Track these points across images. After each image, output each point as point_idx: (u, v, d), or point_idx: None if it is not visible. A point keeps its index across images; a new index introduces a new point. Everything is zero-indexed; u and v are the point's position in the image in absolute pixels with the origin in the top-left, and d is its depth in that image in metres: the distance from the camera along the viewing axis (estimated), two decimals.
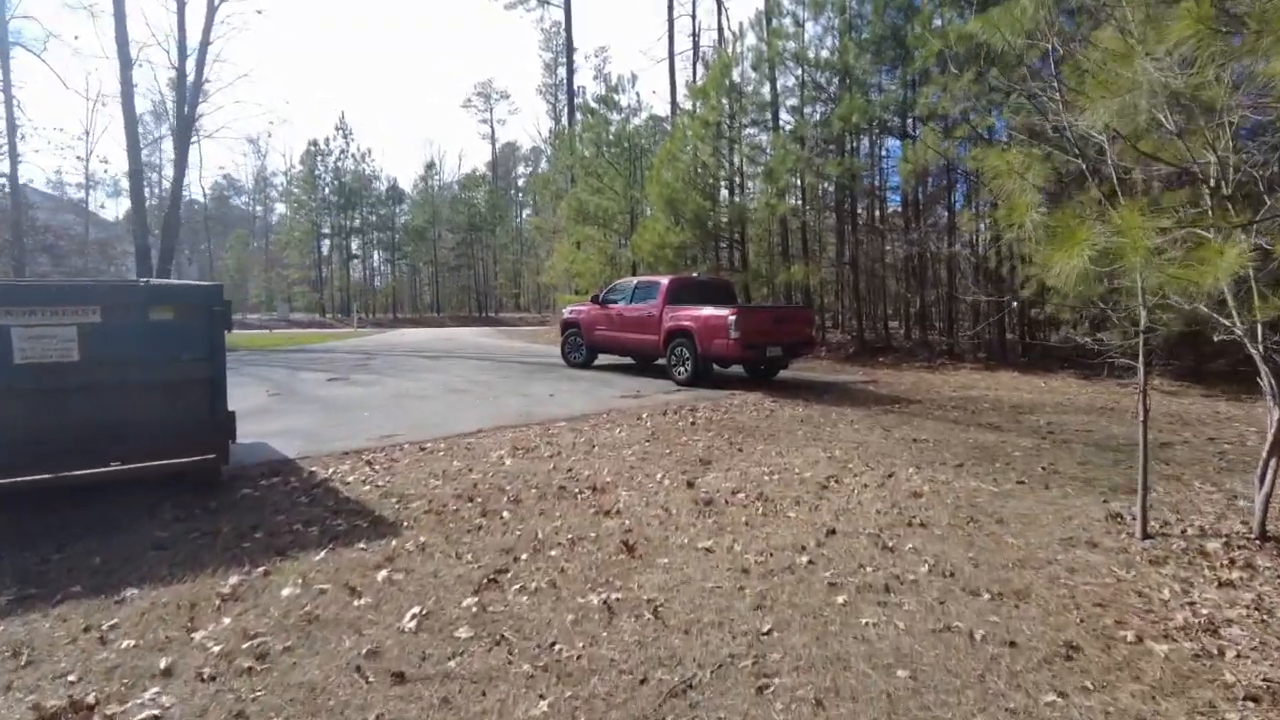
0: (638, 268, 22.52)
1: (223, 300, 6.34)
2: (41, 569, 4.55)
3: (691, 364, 12.34)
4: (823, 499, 6.03)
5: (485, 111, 74.33)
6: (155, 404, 6.12)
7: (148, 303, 6.04)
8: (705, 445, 7.94)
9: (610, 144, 24.79)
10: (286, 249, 61.19)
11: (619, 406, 10.30)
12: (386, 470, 6.89)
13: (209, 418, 6.29)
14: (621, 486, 6.34)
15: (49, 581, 4.35)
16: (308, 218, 58.01)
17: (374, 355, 18.99)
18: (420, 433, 8.50)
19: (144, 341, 6.01)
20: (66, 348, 5.73)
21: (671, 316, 12.82)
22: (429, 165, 62.20)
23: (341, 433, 8.50)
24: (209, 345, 6.27)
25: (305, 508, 5.81)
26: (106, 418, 5.93)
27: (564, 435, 8.36)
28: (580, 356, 15.19)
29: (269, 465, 7.10)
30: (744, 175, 22.03)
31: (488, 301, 65.12)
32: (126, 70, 22.82)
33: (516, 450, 7.62)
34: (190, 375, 6.22)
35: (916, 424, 9.45)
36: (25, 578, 4.40)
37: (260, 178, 73.75)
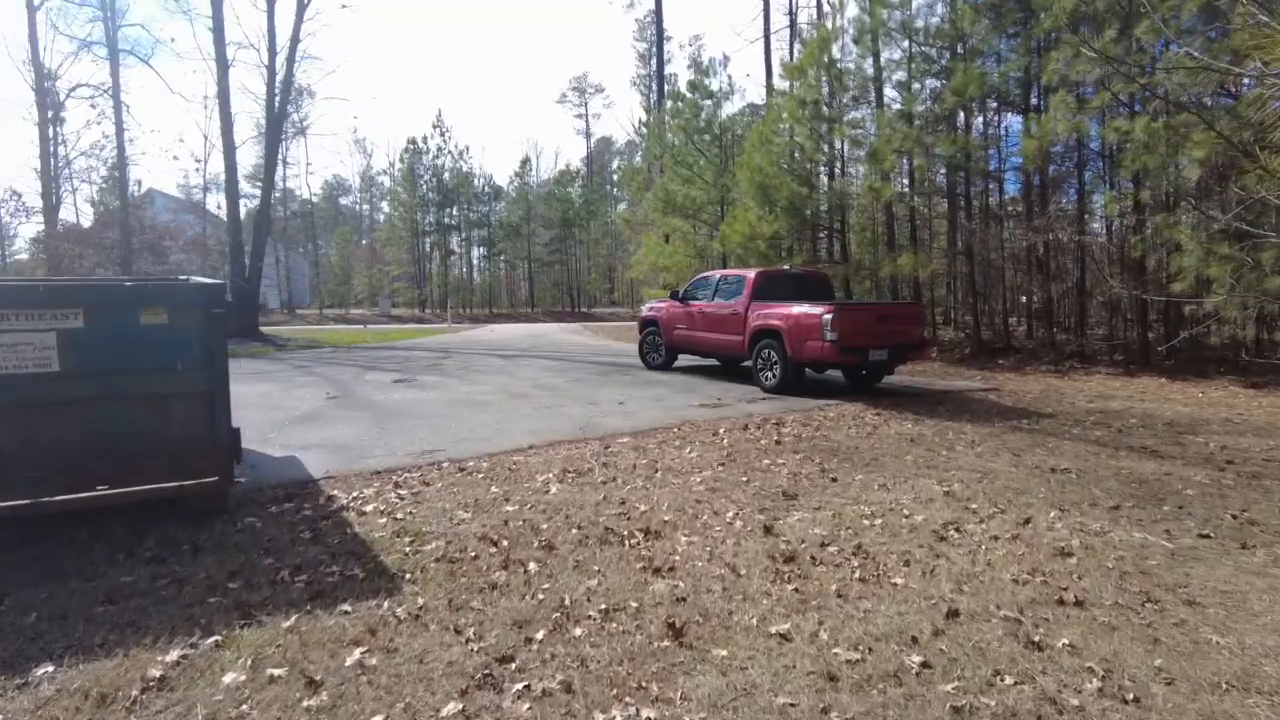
0: (727, 260, 21.18)
1: (223, 300, 5.50)
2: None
3: (780, 369, 10.96)
4: (940, 556, 4.65)
5: (580, 106, 74.21)
6: (146, 420, 5.34)
7: (137, 304, 5.26)
8: (791, 472, 6.63)
9: (700, 130, 23.46)
10: (388, 246, 62.72)
11: (694, 418, 9.07)
12: (413, 498, 5.93)
13: (208, 435, 5.47)
14: (682, 529, 5.13)
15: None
16: (408, 215, 59.21)
17: (451, 354, 18.42)
18: (465, 448, 7.54)
19: (133, 349, 5.24)
20: (44, 357, 5.00)
21: (758, 314, 11.47)
22: (523, 161, 62.43)
23: (381, 447, 7.64)
24: (207, 352, 5.44)
25: (303, 547, 4.89)
26: (91, 436, 5.18)
27: (624, 455, 7.21)
28: (659, 358, 14.02)
29: (288, 487, 6.26)
30: (844, 158, 20.31)
31: (580, 297, 64.89)
32: (223, 71, 23.21)
33: (566, 474, 6.53)
34: (186, 387, 5.42)
35: (1052, 446, 7.81)
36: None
37: (366, 177, 76.11)
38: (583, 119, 74.39)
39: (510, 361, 16.24)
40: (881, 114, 17.45)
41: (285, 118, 24.48)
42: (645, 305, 15.34)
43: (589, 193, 63.14)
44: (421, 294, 59.52)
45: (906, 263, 16.78)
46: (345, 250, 65.01)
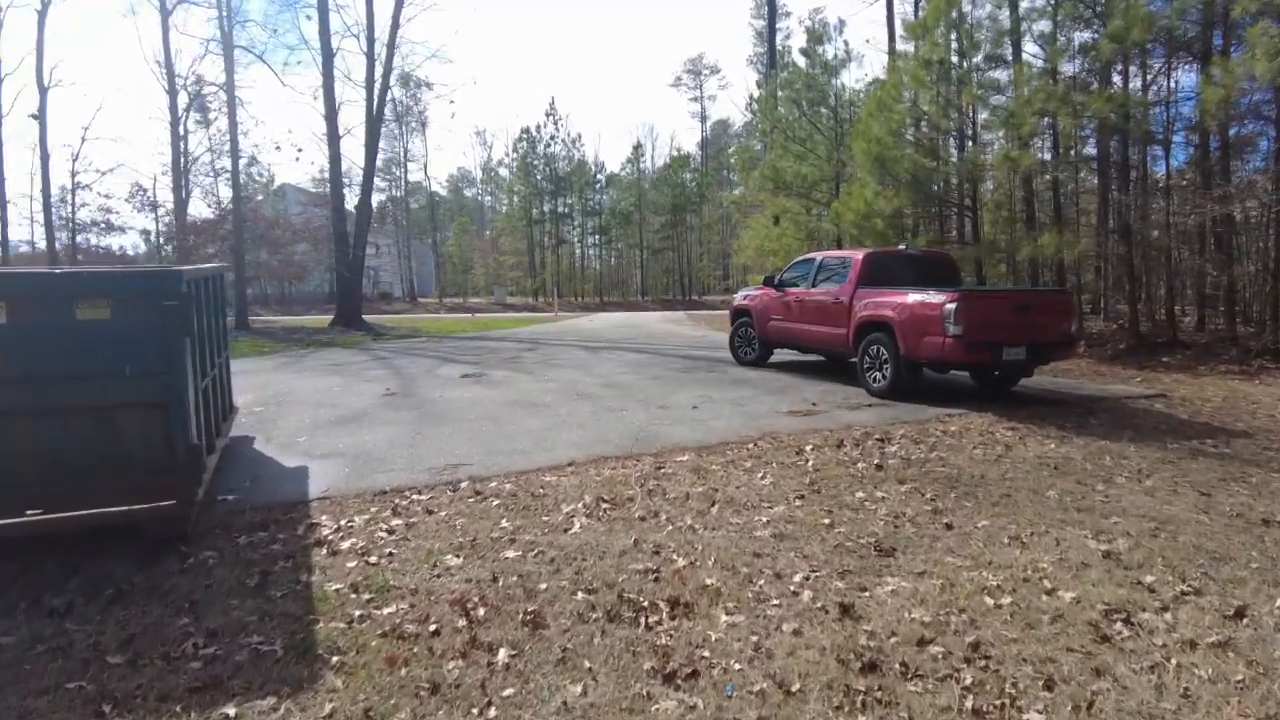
0: (842, 242, 19.26)
1: (178, 291, 4.54)
2: None
3: (891, 369, 9.24)
4: (1102, 674, 3.08)
5: (694, 89, 72.33)
6: (86, 435, 4.47)
7: (73, 296, 4.38)
8: (892, 512, 5.08)
9: (814, 101, 21.51)
10: (504, 235, 63.48)
11: (778, 429, 7.57)
12: (405, 531, 4.83)
13: (163, 452, 4.56)
14: (725, 601, 3.75)
15: None
16: (521, 204, 59.59)
17: (538, 346, 17.53)
18: (495, 463, 6.41)
19: (68, 350, 4.37)
20: None
21: (865, 304, 9.76)
22: (636, 147, 61.28)
23: (405, 458, 6.64)
24: (162, 354, 4.51)
25: (239, 600, 3.87)
26: (18, 452, 4.35)
27: (679, 479, 5.86)
28: (751, 353, 12.48)
29: (274, 509, 5.32)
30: (975, 125, 17.89)
31: (691, 284, 63.41)
32: (327, 61, 23.31)
33: (599, 504, 5.25)
34: (135, 395, 4.51)
35: (1256, 481, 5.85)
36: None
37: (486, 168, 77.40)
38: (697, 102, 72.55)
39: (592, 355, 15.12)
40: (1020, 71, 15.03)
41: (385, 106, 24.34)
42: (738, 293, 13.82)
43: (703, 177, 61.46)
44: (534, 282, 59.84)
45: (1049, 243, 14.41)
46: (463, 240, 66.32)
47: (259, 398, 10.02)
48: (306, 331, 23.67)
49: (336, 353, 16.98)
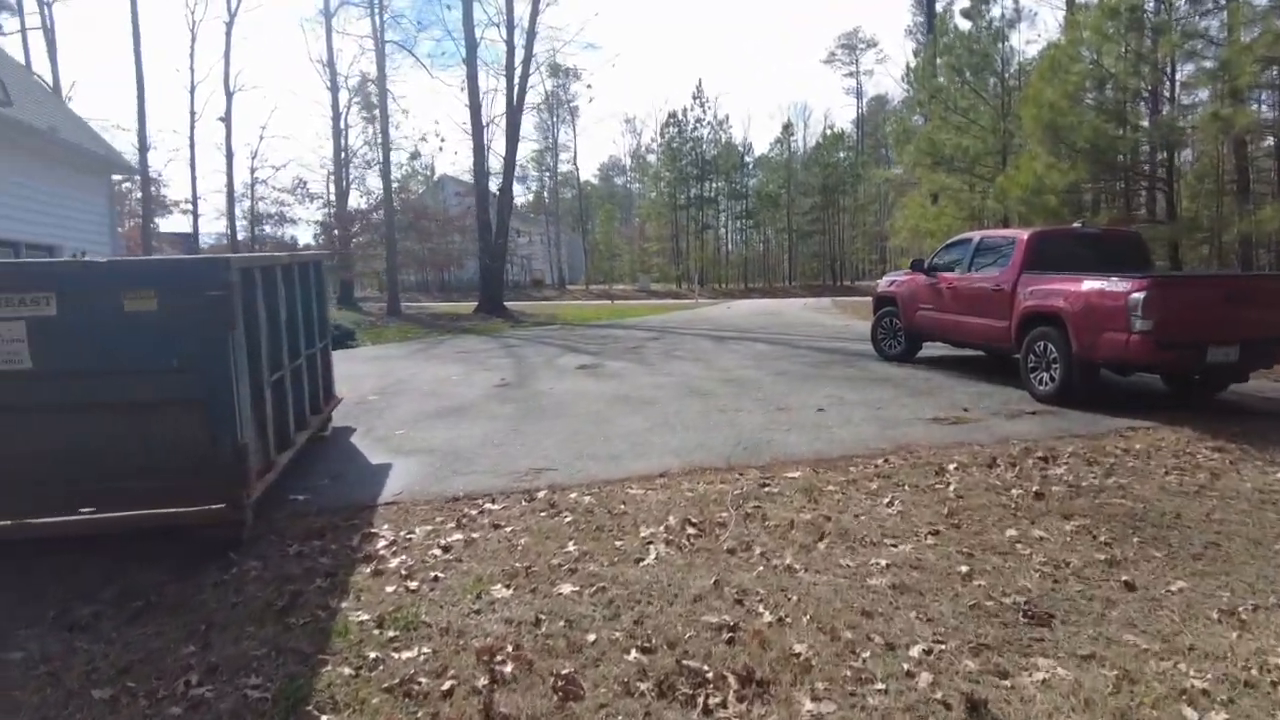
0: (1009, 221, 17.25)
1: (223, 281, 4.19)
2: None
3: (1061, 370, 7.79)
4: None
5: (849, 65, 68.91)
6: (135, 431, 4.24)
7: (119, 286, 4.13)
8: (1051, 559, 3.98)
9: (977, 67, 19.40)
10: (649, 221, 63.53)
11: (916, 440, 6.46)
12: (460, 550, 4.29)
13: (209, 452, 4.25)
14: (815, 680, 2.90)
15: None
16: (666, 190, 59.26)
17: (665, 335, 16.87)
18: (582, 469, 5.79)
19: (117, 342, 4.14)
20: (15, 351, 4.05)
21: (1030, 291, 8.31)
22: (785, 127, 59.21)
23: (491, 459, 6.16)
24: (207, 347, 4.19)
25: (256, 627, 3.46)
26: (70, 449, 4.18)
27: (785, 500, 4.97)
28: (897, 347, 11.15)
29: (336, 514, 4.96)
30: (1174, 81, 15.34)
31: (842, 269, 60.70)
32: (471, 52, 23.73)
33: (684, 528, 4.48)
34: (179, 391, 4.23)
35: None
36: None
37: (635, 155, 77.73)
38: (852, 77, 69.08)
39: (719, 345, 14.24)
40: (1236, 10, 12.56)
41: (524, 94, 24.53)
42: (882, 279, 12.47)
43: (857, 156, 58.51)
44: (678, 269, 59.43)
45: (1270, 218, 12.01)
46: (610, 228, 67.01)
47: (378, 385, 10.00)
48: (450, 318, 24.33)
49: (470, 339, 17.14)
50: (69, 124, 12.74)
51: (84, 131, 13.58)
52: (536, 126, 64.28)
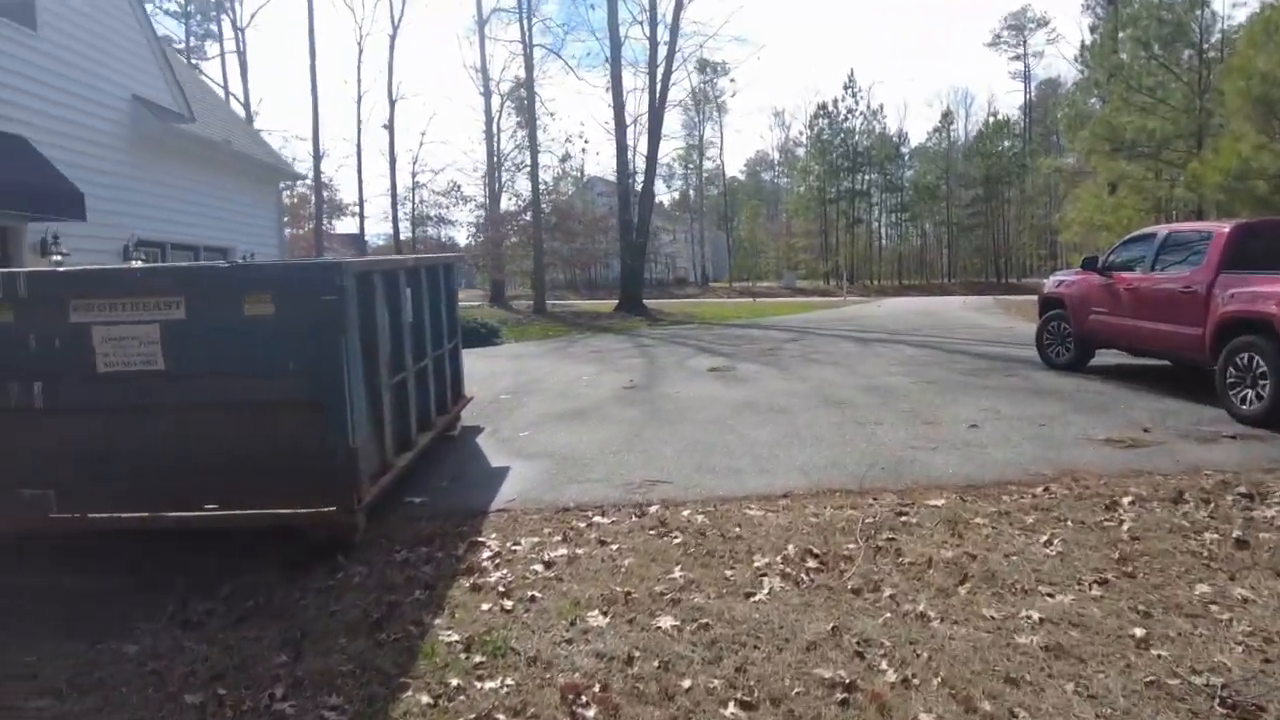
0: (1202, 213, 15.24)
1: (335, 286, 4.20)
2: None
3: (1270, 386, 6.59)
4: None
5: (1017, 47, 63.90)
6: (254, 431, 4.34)
7: (240, 291, 4.23)
8: (1257, 629, 3.24)
9: (1168, 39, 17.25)
10: (796, 216, 62.02)
11: (1085, 466, 5.63)
12: (562, 568, 4.10)
13: (322, 454, 4.28)
14: None
15: None
16: (815, 184, 57.59)
17: (804, 336, 16.15)
18: (699, 483, 5.46)
19: (238, 345, 4.24)
20: (149, 353, 4.23)
21: (1232, 294, 7.11)
22: (945, 115, 56.01)
23: (606, 467, 5.95)
24: (318, 351, 4.22)
25: (348, 640, 3.41)
26: (196, 448, 4.33)
27: (924, 532, 4.41)
28: (1065, 354, 9.96)
29: (448, 520, 4.92)
30: None
31: (1008, 265, 56.54)
32: (615, 50, 23.89)
33: (804, 559, 4.05)
34: (293, 394, 4.28)
35: None
36: None
37: (784, 149, 76.17)
38: (1019, 60, 64.07)
39: (863, 348, 13.42)
40: None
41: (667, 90, 24.39)
42: (1049, 278, 11.24)
43: (1024, 144, 54.33)
44: (826, 266, 57.64)
45: None
46: (754, 224, 66.02)
47: (512, 384, 10.12)
48: (591, 316, 24.66)
49: (606, 339, 17.21)
50: (243, 136, 13.89)
51: (256, 143, 14.76)
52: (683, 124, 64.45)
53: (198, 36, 40.09)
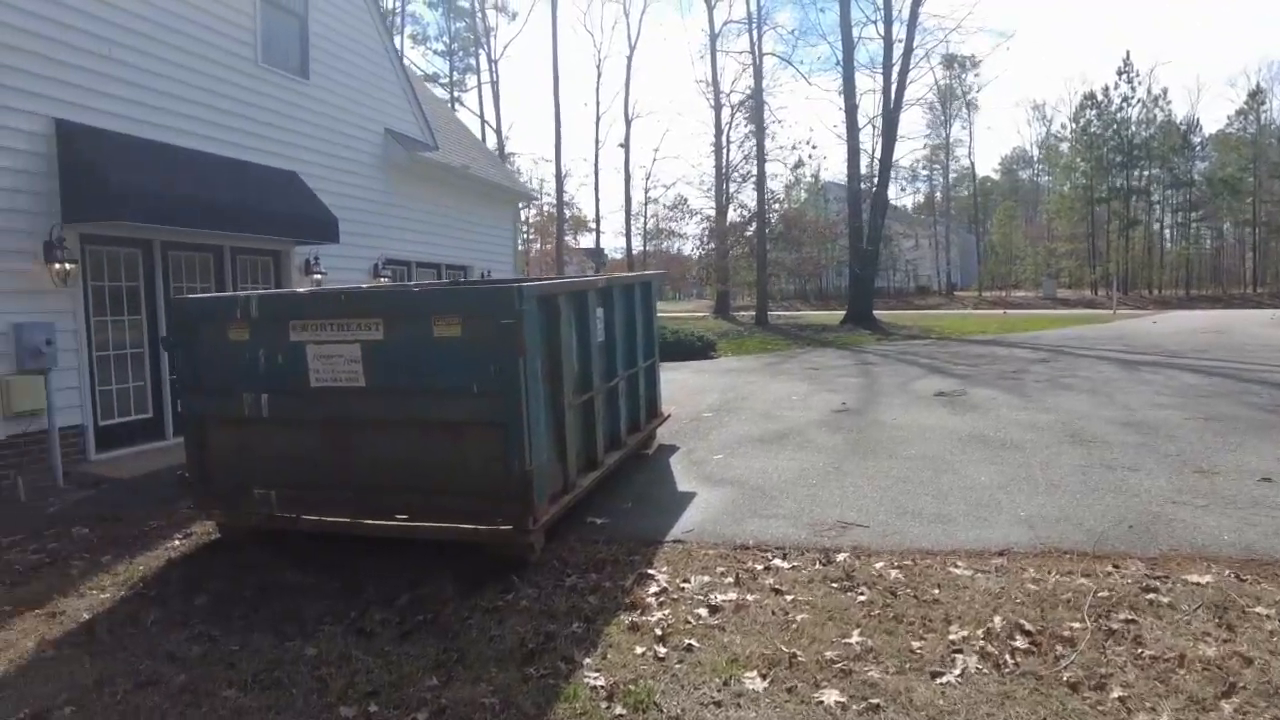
0: None
1: (513, 309, 4.25)
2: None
3: None
4: None
5: None
6: (439, 449, 4.53)
7: (430, 314, 4.43)
8: None
9: None
10: (1056, 218, 55.82)
11: None
12: (728, 615, 3.81)
13: (500, 473, 4.36)
14: None
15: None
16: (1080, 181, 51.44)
17: (1057, 356, 14.22)
18: (898, 530, 4.87)
19: (428, 365, 4.46)
20: (352, 370, 4.58)
21: None
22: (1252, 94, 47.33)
23: (796, 502, 5.53)
24: (503, 372, 4.30)
25: (499, 669, 3.37)
26: (391, 461, 4.60)
27: (1179, 618, 3.52)
28: None
29: (622, 546, 4.84)
30: None
31: None
32: (848, 52, 22.90)
33: (1014, 637, 3.40)
34: (474, 414, 4.42)
35: None
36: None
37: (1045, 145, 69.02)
38: None
39: (1128, 373, 11.48)
40: None
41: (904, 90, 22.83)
42: None
43: None
44: (1093, 273, 51.23)
45: None
46: (1008, 227, 60.32)
47: (717, 402, 9.93)
48: (815, 328, 23.82)
49: (826, 354, 16.46)
50: (483, 161, 15.06)
51: (495, 167, 15.96)
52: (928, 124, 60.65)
53: (459, 71, 44.68)
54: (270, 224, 8.26)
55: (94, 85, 6.77)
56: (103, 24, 6.85)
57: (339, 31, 9.91)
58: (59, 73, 6.49)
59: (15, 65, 6.20)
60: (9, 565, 4.74)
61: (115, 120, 6.94)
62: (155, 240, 7.53)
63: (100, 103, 6.82)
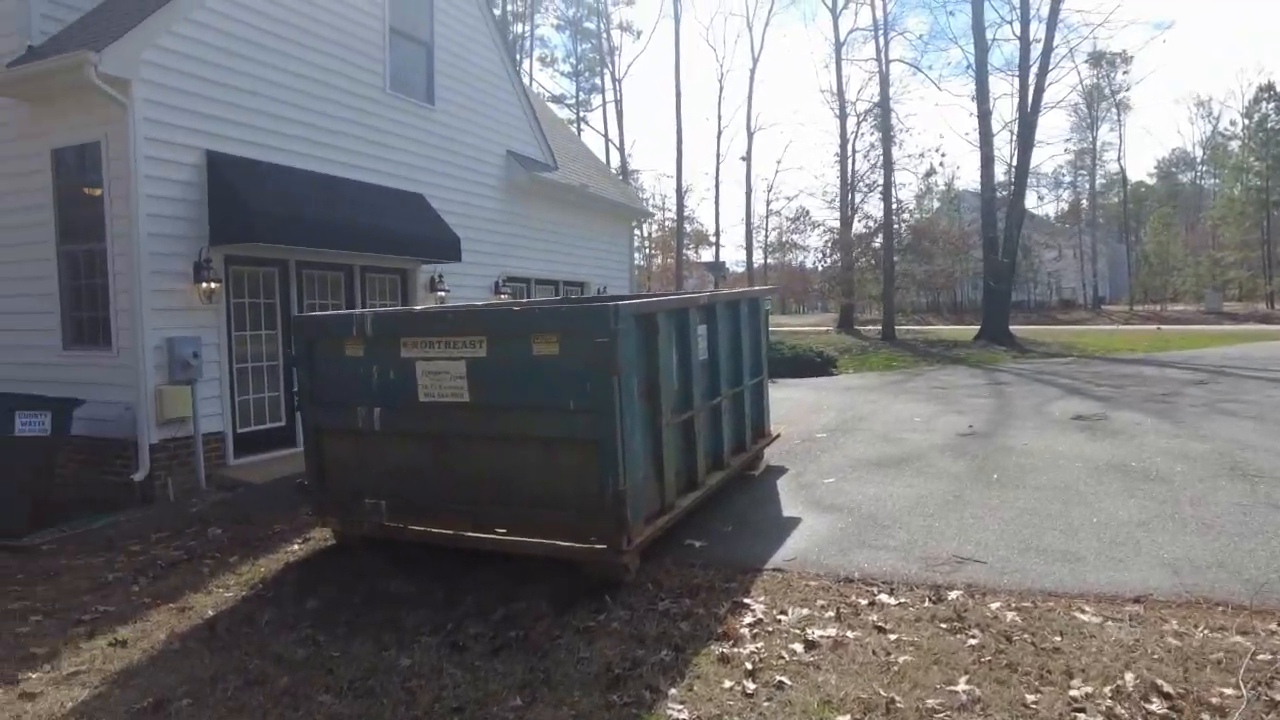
0: None
1: (608, 328, 4.23)
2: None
3: None
4: None
5: None
6: (536, 465, 4.57)
7: (529, 332, 4.49)
8: None
9: None
10: (1223, 225, 50.85)
11: None
12: (825, 652, 3.62)
13: (594, 492, 4.35)
14: None
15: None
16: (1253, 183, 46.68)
17: (1217, 377, 12.81)
18: (1020, 568, 4.48)
19: (527, 383, 4.52)
20: (457, 386, 4.71)
21: None
22: None
23: (909, 533, 5.21)
24: (592, 390, 4.30)
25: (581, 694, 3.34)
26: (492, 475, 4.69)
27: None
28: None
29: (719, 572, 4.70)
30: None
31: None
32: (981, 56, 21.74)
33: (1151, 696, 3.04)
34: (569, 431, 4.43)
35: None
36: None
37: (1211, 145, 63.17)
38: None
39: None
40: None
41: (1042, 93, 21.30)
42: None
43: None
44: (1268, 284, 46.24)
45: None
46: (1164, 236, 55.42)
47: (833, 421, 9.58)
48: (946, 345, 22.68)
49: (956, 372, 15.61)
50: (601, 179, 15.31)
51: (613, 185, 16.20)
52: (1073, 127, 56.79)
53: (585, 91, 45.83)
54: (396, 244, 8.69)
55: (240, 119, 7.36)
56: (253, 64, 7.46)
57: (463, 58, 10.35)
58: (212, 109, 7.11)
59: (182, 106, 6.83)
60: (154, 560, 5.17)
61: (256, 149, 7.52)
62: (290, 260, 8.09)
63: (244, 134, 7.41)
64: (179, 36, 6.78)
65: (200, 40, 6.97)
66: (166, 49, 6.68)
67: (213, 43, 7.09)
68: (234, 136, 7.29)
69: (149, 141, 6.53)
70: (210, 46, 7.07)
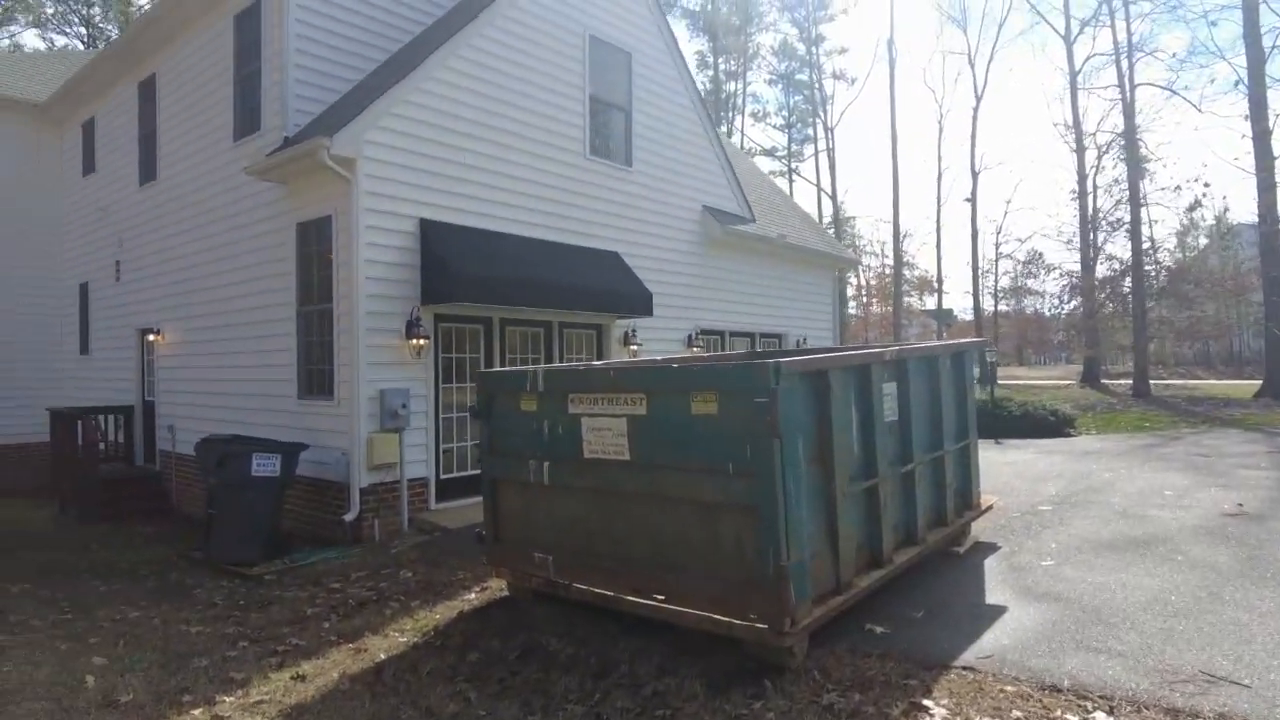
0: None
1: (766, 388, 3.97)
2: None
3: None
4: None
5: None
6: (698, 529, 4.38)
7: (688, 390, 4.35)
8: None
9: None
10: None
11: None
12: None
13: (754, 564, 4.06)
14: None
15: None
16: None
17: None
18: None
19: (685, 443, 4.39)
20: (619, 444, 4.69)
21: None
22: None
23: (1139, 637, 4.33)
24: (752, 454, 4.05)
25: None
26: (650, 537, 4.57)
27: None
28: None
29: (896, 666, 4.15)
30: None
31: None
32: (1255, 68, 18.73)
33: None
34: (727, 495, 4.20)
35: None
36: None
37: None
38: None
39: None
40: None
41: None
42: None
43: None
44: None
45: None
46: None
47: (1060, 492, 8.42)
48: (1215, 403, 19.39)
49: (1226, 436, 13.21)
50: (802, 227, 14.95)
51: (814, 232, 15.74)
52: None
53: (797, 142, 45.64)
54: (592, 301, 9.00)
55: (449, 188, 8.06)
56: (462, 137, 8.18)
57: (660, 119, 10.66)
58: (425, 180, 7.85)
59: (398, 179, 7.62)
60: (347, 599, 5.57)
61: (464, 215, 8.17)
62: (494, 317, 8.64)
63: (453, 201, 8.09)
64: (398, 117, 7.59)
65: (417, 119, 7.75)
66: (387, 129, 7.50)
67: (428, 120, 7.85)
68: (444, 204, 7.97)
69: (369, 212, 7.33)
70: (425, 124, 7.84)
